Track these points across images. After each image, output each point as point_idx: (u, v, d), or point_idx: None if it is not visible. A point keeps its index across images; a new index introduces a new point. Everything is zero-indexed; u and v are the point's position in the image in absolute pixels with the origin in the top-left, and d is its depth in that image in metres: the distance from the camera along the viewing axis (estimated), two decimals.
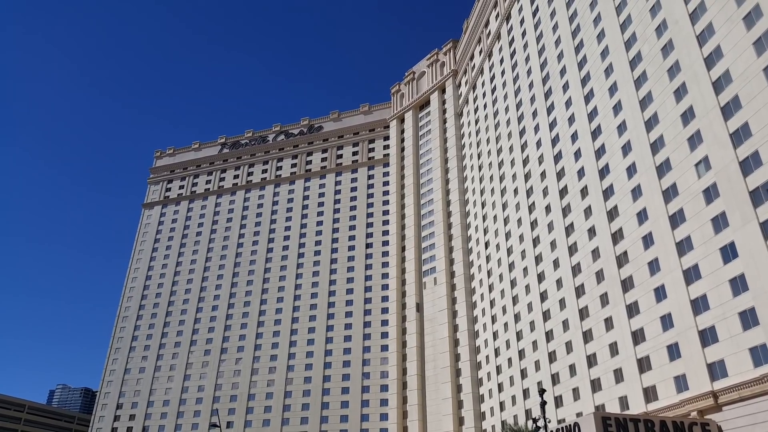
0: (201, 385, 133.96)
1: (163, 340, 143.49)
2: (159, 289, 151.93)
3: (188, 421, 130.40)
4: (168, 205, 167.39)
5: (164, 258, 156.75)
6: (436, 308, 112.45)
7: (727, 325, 47.30)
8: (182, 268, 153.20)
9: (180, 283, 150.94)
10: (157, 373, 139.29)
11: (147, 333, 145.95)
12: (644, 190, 60.61)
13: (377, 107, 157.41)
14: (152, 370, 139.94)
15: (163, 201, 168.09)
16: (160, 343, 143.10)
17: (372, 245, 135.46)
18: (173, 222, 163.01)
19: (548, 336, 76.58)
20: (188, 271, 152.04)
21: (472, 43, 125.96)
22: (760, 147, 46.40)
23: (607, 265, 65.19)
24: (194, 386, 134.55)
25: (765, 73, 46.93)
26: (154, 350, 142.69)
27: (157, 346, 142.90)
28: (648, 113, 62.09)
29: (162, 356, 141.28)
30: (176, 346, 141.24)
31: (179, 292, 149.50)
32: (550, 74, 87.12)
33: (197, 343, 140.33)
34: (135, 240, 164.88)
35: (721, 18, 52.32)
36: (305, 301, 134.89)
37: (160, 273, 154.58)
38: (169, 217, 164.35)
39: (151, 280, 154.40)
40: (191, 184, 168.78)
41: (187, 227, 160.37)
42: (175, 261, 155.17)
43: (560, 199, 78.35)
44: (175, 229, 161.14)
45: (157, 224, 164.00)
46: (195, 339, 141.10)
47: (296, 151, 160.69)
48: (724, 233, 49.05)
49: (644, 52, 63.89)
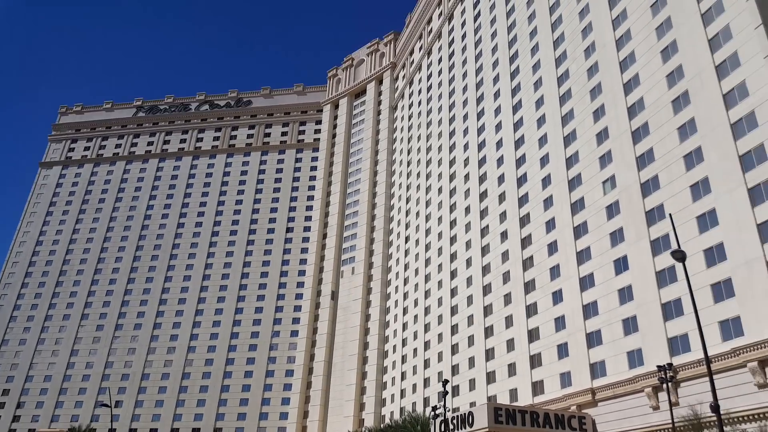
0: (89, 362, 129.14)
1: (50, 311, 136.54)
2: (50, 256, 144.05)
3: (71, 399, 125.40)
4: (69, 166, 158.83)
5: (59, 223, 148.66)
6: (351, 297, 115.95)
7: (611, 330, 53.59)
8: (79, 236, 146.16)
9: (75, 252, 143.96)
10: (40, 347, 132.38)
11: (32, 303, 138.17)
12: (555, 201, 66.52)
13: (312, 89, 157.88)
14: (35, 343, 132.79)
15: (64, 162, 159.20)
16: (47, 314, 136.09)
17: (293, 230, 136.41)
18: (74, 185, 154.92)
19: (453, 330, 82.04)
20: (86, 239, 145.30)
21: (413, 38, 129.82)
22: (660, 172, 52.81)
23: (514, 268, 70.91)
24: (81, 362, 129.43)
25: (673, 104, 53.36)
26: (39, 322, 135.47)
27: (43, 317, 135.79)
28: (567, 129, 68.04)
29: (47, 328, 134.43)
30: (65, 319, 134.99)
31: (73, 261, 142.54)
32: (484, 80, 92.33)
33: (89, 317, 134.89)
34: (27, 201, 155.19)
35: (643, 48, 58.56)
36: (215, 282, 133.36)
37: (53, 239, 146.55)
38: (70, 180, 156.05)
39: (42, 245, 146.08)
40: (98, 147, 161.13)
41: (89, 192, 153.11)
42: (71, 227, 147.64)
43: (479, 202, 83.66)
44: (75, 193, 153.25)
45: (54, 186, 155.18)
46: (87, 313, 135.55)
47: (220, 124, 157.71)
48: (619, 247, 55.33)
49: (572, 71, 69.83)
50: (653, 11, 58.84)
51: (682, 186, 50.70)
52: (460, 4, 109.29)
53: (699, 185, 49.39)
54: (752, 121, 46.23)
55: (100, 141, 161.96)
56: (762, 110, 45.40)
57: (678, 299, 48.23)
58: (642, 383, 48.76)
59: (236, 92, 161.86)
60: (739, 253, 44.29)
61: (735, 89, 48.31)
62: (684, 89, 52.98)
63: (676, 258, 29.39)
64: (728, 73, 49.10)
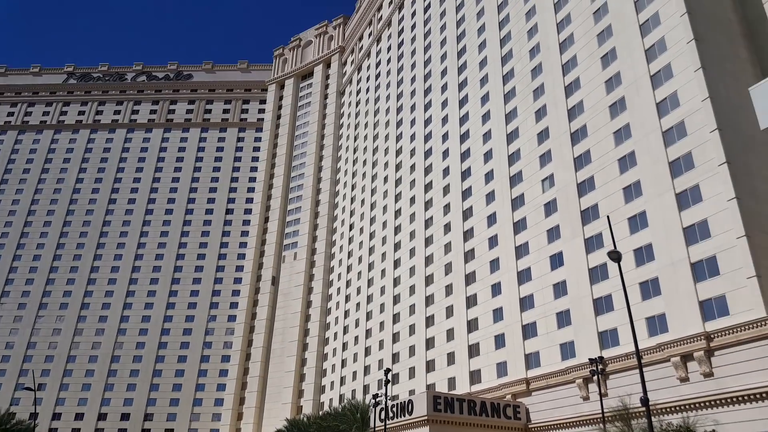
0: (10, 342, 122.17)
1: None
2: None
3: None
4: None
5: None
6: (293, 283, 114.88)
7: (545, 323, 56.13)
8: (0, 207, 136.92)
9: None
10: None
11: None
12: (497, 197, 68.42)
13: (257, 67, 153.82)
14: None
15: None
16: None
17: (233, 212, 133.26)
18: None
19: (395, 318, 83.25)
20: (7, 212, 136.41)
21: (363, 23, 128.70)
22: (596, 173, 55.35)
23: (456, 260, 72.62)
24: (1, 343, 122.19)
25: (610, 109, 55.85)
26: None
27: None
28: (511, 127, 69.87)
29: None
30: None
31: None
32: (432, 72, 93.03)
33: (10, 294, 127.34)
34: None
35: (584, 53, 60.74)
36: (148, 262, 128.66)
37: None
38: None
39: None
40: (23, 113, 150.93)
41: (12, 161, 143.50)
42: None
43: (424, 193, 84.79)
44: None
45: None
46: (8, 290, 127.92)
47: (158, 97, 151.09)
48: (555, 243, 57.77)
49: (517, 70, 71.55)
50: (595, 18, 61.07)
51: (616, 188, 53.39)
52: None
53: (631, 188, 52.17)
54: (682, 130, 49.13)
55: (25, 107, 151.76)
56: (691, 120, 48.32)
57: (609, 295, 51.04)
58: (574, 374, 51.50)
59: (176, 64, 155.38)
60: (665, 254, 47.28)
61: (667, 99, 51.11)
62: (621, 95, 55.55)
63: (612, 258, 30.69)
64: (662, 83, 51.84)
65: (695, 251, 45.51)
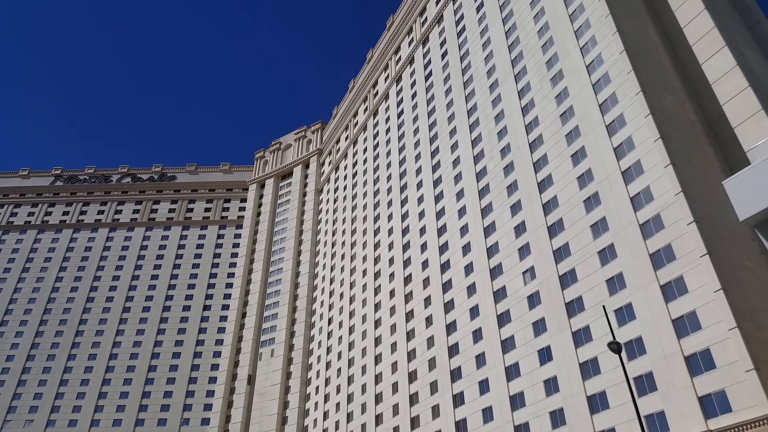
0: None
1: None
2: None
3: None
4: None
5: None
6: (269, 382, 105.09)
7: (539, 423, 50.21)
8: None
9: None
10: None
11: None
12: (478, 289, 64.45)
13: (238, 168, 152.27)
14: None
15: None
16: None
17: (210, 308, 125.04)
18: None
19: (378, 419, 75.08)
20: None
21: (340, 128, 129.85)
22: (576, 266, 52.27)
23: (440, 354, 66.91)
24: None
25: (585, 204, 53.93)
26: None
27: None
28: (487, 221, 67.45)
29: None
30: None
31: None
32: (408, 171, 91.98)
33: None
34: None
35: (554, 152, 59.93)
36: (122, 362, 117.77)
37: None
38: None
39: None
40: (9, 214, 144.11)
41: None
42: None
43: (404, 286, 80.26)
44: None
45: None
46: None
47: (141, 197, 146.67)
48: (542, 337, 53.29)
49: (489, 168, 70.43)
50: (562, 120, 61.02)
51: (599, 280, 50.23)
52: (384, 101, 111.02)
53: (614, 280, 49.04)
54: (659, 222, 47.05)
55: (11, 208, 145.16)
56: (667, 213, 46.39)
57: (603, 392, 46.13)
58: None
59: (161, 167, 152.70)
60: (657, 347, 43.32)
61: (641, 193, 49.52)
62: (594, 190, 53.95)
63: (613, 350, 27.82)
64: (634, 179, 50.52)
65: (687, 344, 41.76)
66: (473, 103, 78.42)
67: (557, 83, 63.55)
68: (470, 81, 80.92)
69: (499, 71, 74.25)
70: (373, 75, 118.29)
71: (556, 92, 63.13)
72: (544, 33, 68.15)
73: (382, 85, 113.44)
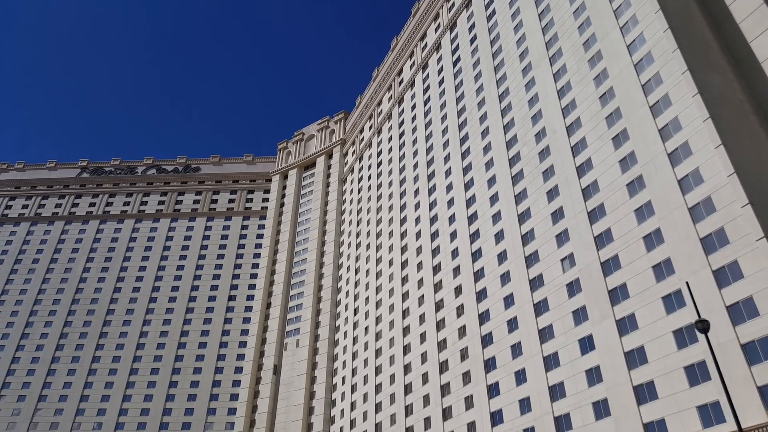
0: None
1: None
2: None
3: None
4: (5, 224, 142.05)
5: None
6: (295, 372, 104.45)
7: (581, 414, 48.21)
8: (8, 298, 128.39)
9: (1, 315, 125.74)
10: None
11: None
12: (513, 277, 62.40)
13: (261, 159, 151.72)
14: None
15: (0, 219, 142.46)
16: None
17: (235, 298, 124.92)
18: (7, 244, 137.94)
19: (408, 410, 73.65)
20: (14, 302, 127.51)
21: (364, 117, 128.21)
22: (620, 252, 49.94)
23: (472, 344, 65.10)
24: None
25: (627, 187, 51.49)
26: None
27: None
28: (522, 207, 65.24)
29: None
30: None
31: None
32: (435, 159, 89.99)
33: (11, 386, 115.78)
34: None
35: (593, 135, 57.45)
36: (149, 352, 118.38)
37: None
38: (3, 238, 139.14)
39: None
40: (37, 205, 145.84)
41: (23, 252, 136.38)
42: (0, 287, 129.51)
43: (433, 275, 78.49)
44: (8, 252, 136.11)
45: None
46: (9, 381, 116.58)
47: (166, 189, 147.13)
48: (583, 326, 51.13)
49: (523, 153, 68.13)
50: (602, 102, 58.42)
51: (645, 266, 47.82)
52: (410, 89, 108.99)
53: (662, 266, 46.62)
54: (709, 205, 44.52)
55: (39, 200, 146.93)
56: (718, 196, 43.84)
57: (650, 382, 43.90)
58: None
59: (185, 158, 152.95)
60: (711, 335, 40.89)
61: (689, 175, 46.94)
62: (638, 174, 51.45)
63: (699, 329, 26.27)
64: (681, 161, 47.93)
65: (744, 331, 39.36)
66: (505, 87, 76.05)
67: (595, 64, 60.93)
68: (501, 65, 78.51)
69: (532, 54, 71.76)
70: (398, 63, 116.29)
71: (595, 74, 60.53)
72: (580, 13, 65.46)
73: (408, 72, 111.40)
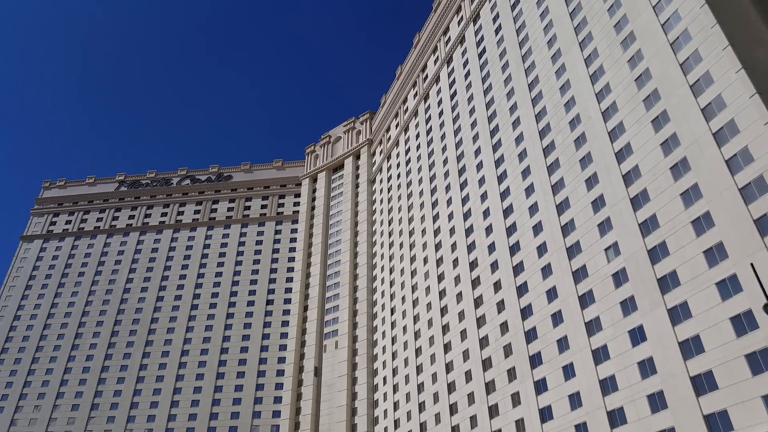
0: None
1: (25, 389, 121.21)
2: (27, 331, 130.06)
3: None
4: (50, 240, 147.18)
5: (38, 297, 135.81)
6: (336, 374, 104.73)
7: (635, 408, 46.55)
8: (57, 311, 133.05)
9: (53, 327, 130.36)
10: (13, 428, 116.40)
11: (7, 380, 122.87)
12: (554, 269, 60.85)
13: (290, 164, 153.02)
14: (7, 423, 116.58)
15: (45, 235, 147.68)
16: (21, 393, 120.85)
17: (273, 302, 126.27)
18: (54, 259, 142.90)
19: (452, 409, 72.74)
20: (63, 314, 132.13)
21: (390, 116, 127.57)
22: (667, 238, 48.01)
23: (516, 340, 63.81)
24: None
25: (671, 171, 49.47)
26: (13, 401, 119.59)
27: (17, 397, 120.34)
28: (559, 197, 63.56)
29: (21, 408, 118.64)
30: (39, 398, 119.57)
31: (50, 337, 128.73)
32: (465, 153, 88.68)
33: (64, 396, 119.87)
34: (7, 275, 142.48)
35: (631, 119, 55.45)
36: (194, 358, 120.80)
37: (31, 314, 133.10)
38: (50, 253, 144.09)
39: (20, 320, 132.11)
40: (80, 220, 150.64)
41: (69, 266, 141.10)
42: (50, 302, 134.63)
43: (470, 272, 77.34)
44: (54, 267, 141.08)
45: (35, 260, 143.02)
46: (62, 391, 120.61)
47: (201, 198, 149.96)
48: (632, 316, 49.38)
49: (558, 142, 66.36)
50: (638, 84, 56.36)
51: (695, 251, 45.81)
52: (435, 84, 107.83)
53: (713, 250, 44.57)
54: (762, 185, 42.28)
55: (81, 215, 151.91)
56: None
57: (709, 372, 41.99)
58: None
59: (217, 167, 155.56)
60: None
61: (738, 155, 44.74)
62: (682, 156, 49.36)
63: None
64: (728, 140, 45.71)
65: None
66: (534, 76, 74.28)
67: (629, 46, 58.82)
68: (529, 54, 76.73)
69: (561, 40, 69.83)
70: (421, 59, 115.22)
71: (628, 56, 58.43)
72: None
73: (432, 68, 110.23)
